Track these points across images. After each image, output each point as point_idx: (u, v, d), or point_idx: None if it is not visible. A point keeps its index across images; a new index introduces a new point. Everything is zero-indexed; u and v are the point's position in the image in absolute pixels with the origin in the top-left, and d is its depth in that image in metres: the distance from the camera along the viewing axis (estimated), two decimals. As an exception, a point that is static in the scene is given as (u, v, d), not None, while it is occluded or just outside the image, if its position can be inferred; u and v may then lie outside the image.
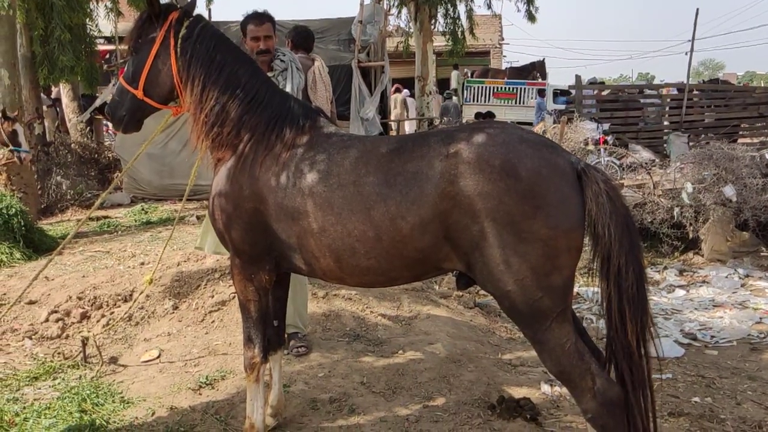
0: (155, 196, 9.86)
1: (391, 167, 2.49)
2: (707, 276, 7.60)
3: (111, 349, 4.45)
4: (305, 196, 2.61)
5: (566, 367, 2.40)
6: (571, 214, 2.32)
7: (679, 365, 4.68)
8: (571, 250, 2.34)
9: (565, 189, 2.33)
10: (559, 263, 2.32)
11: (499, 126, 2.54)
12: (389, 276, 2.65)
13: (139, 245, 6.80)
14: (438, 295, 5.81)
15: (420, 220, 2.41)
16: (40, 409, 3.42)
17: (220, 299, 4.88)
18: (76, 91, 12.89)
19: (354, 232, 2.52)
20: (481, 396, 3.63)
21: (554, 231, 2.28)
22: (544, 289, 2.32)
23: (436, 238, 2.42)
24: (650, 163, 10.85)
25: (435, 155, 2.42)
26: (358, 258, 2.56)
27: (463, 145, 2.39)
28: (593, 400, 2.38)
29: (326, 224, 2.57)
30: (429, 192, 2.39)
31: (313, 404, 3.50)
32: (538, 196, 2.28)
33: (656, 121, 16.44)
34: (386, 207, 2.45)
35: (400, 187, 2.44)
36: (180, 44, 2.85)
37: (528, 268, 2.30)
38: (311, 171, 2.63)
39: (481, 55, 27.77)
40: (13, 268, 5.98)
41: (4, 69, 7.79)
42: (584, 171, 2.38)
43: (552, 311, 2.36)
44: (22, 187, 8.00)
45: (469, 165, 2.34)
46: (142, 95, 2.97)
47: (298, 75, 4.02)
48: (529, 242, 2.28)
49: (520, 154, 2.33)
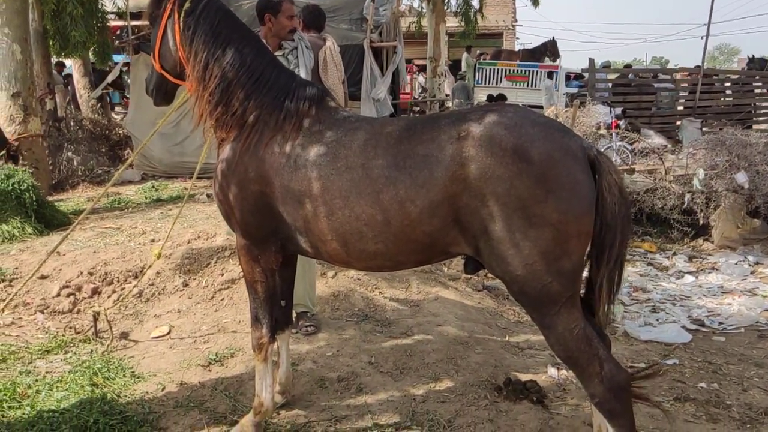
0: (166, 173, 9.89)
1: (400, 150, 2.46)
2: (717, 262, 7.56)
3: (122, 324, 4.49)
4: (312, 179, 2.57)
5: (574, 352, 2.40)
6: (582, 199, 2.31)
7: (686, 351, 4.68)
8: (581, 236, 2.34)
9: (577, 174, 2.31)
10: (568, 248, 2.32)
11: (511, 109, 2.50)
12: (396, 260, 2.63)
13: (149, 222, 6.83)
14: (447, 278, 5.82)
15: (429, 203, 2.38)
16: (52, 382, 3.46)
17: (230, 277, 4.91)
18: (87, 66, 12.91)
19: (362, 216, 2.49)
20: (488, 378, 3.65)
21: (565, 216, 2.27)
22: (553, 274, 2.32)
23: (444, 222, 2.40)
24: (662, 149, 10.77)
25: (445, 138, 2.39)
26: (366, 242, 2.54)
27: (474, 128, 2.36)
28: (600, 385, 2.39)
29: (334, 208, 2.54)
30: (439, 175, 2.36)
31: (321, 383, 3.53)
32: (549, 180, 2.26)
33: (669, 106, 16.28)
34: (395, 190, 2.42)
35: (410, 170, 2.41)
36: (183, 19, 2.82)
37: (538, 253, 2.29)
38: (318, 153, 2.60)
39: (494, 36, 27.53)
40: (25, 242, 6.03)
41: (16, 44, 7.78)
42: (597, 159, 2.38)
43: (561, 296, 2.36)
44: (34, 163, 8.04)
45: (480, 148, 2.31)
46: (159, 69, 3.00)
47: (309, 54, 3.99)
48: (540, 227, 2.27)
49: (533, 138, 2.31)
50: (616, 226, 2.38)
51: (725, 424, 3.32)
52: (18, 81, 7.86)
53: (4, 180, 6.38)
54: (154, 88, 3.09)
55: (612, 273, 2.49)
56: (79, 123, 10.90)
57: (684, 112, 15.88)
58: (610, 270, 2.47)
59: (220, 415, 3.22)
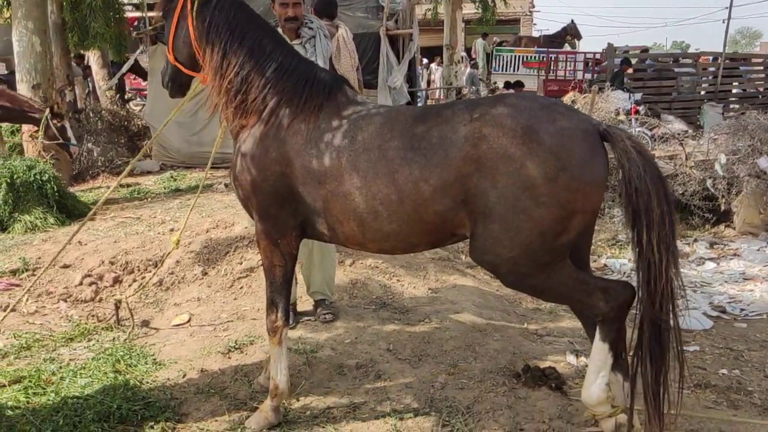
0: (184, 163, 9.95)
1: (415, 132, 2.54)
2: (738, 249, 7.47)
3: (142, 312, 4.55)
4: (332, 160, 2.65)
5: (575, 296, 2.53)
6: (592, 176, 2.36)
7: (707, 337, 4.65)
8: (587, 213, 2.40)
9: (587, 152, 2.36)
10: (570, 224, 2.37)
11: (522, 95, 2.62)
12: (409, 242, 2.70)
13: (168, 212, 6.89)
14: (464, 265, 5.81)
15: (442, 183, 2.45)
16: (75, 369, 3.52)
17: (249, 266, 4.95)
18: (106, 58, 13.00)
19: (378, 195, 2.57)
20: (506, 365, 3.65)
21: (574, 194, 2.32)
22: (548, 251, 2.40)
23: (455, 203, 2.47)
24: (683, 134, 10.63)
25: (459, 120, 2.47)
26: (381, 222, 2.61)
27: (487, 111, 2.44)
28: (605, 304, 2.49)
29: (351, 187, 2.61)
30: (453, 155, 2.43)
31: (339, 370, 3.55)
32: (560, 159, 2.31)
33: (690, 90, 16.04)
34: (410, 170, 2.50)
35: (424, 151, 2.49)
36: (197, 10, 2.88)
37: (538, 233, 2.35)
38: (338, 136, 2.68)
39: (510, 23, 27.28)
40: (47, 232, 6.11)
41: (35, 36, 7.84)
42: (607, 131, 2.42)
43: (552, 265, 2.44)
44: (55, 154, 8.11)
45: (493, 128, 2.38)
46: (173, 60, 3.04)
47: (327, 43, 3.99)
48: (547, 206, 2.32)
49: (543, 119, 2.38)
50: (646, 187, 2.37)
51: (746, 410, 3.29)
52: (38, 73, 7.92)
53: (26, 171, 6.46)
54: (170, 80, 3.14)
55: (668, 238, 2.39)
56: (99, 114, 10.98)
57: (705, 97, 15.64)
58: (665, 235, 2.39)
59: (240, 401, 3.25)
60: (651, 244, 2.41)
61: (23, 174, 6.42)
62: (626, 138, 2.41)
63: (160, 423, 2.99)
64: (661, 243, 2.41)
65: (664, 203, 2.40)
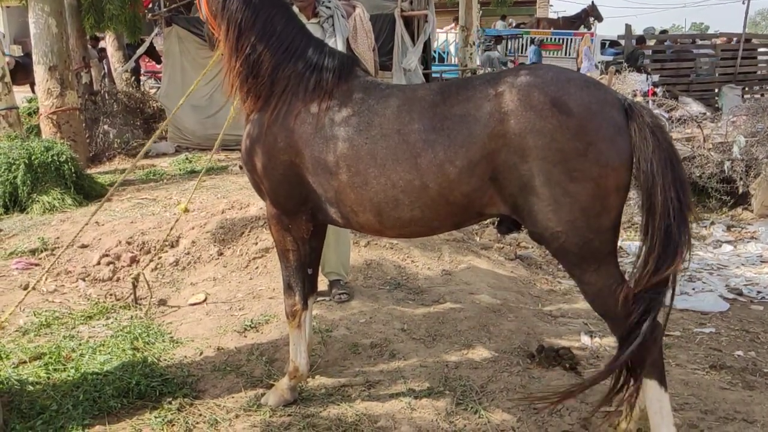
0: (199, 146, 9.98)
1: (436, 113, 2.44)
2: (756, 232, 7.40)
3: (159, 292, 4.60)
4: (345, 149, 2.55)
5: (611, 307, 2.40)
6: (621, 151, 2.28)
7: (723, 320, 4.62)
8: (620, 190, 2.30)
9: (616, 126, 2.28)
10: (608, 203, 2.29)
11: (544, 66, 2.49)
12: (431, 226, 2.62)
13: (184, 193, 6.93)
14: (479, 246, 5.81)
15: (468, 162, 2.37)
16: (95, 346, 3.57)
17: (264, 246, 4.98)
18: (121, 41, 13.02)
19: (399, 183, 2.48)
20: (520, 345, 3.65)
21: (605, 169, 2.25)
22: (594, 231, 2.31)
23: (482, 181, 2.39)
24: (701, 116, 10.51)
25: (482, 96, 2.38)
26: (402, 210, 2.53)
27: (511, 85, 2.35)
28: None
29: (369, 177, 2.52)
30: (478, 133, 2.34)
31: (354, 348, 3.58)
32: (590, 133, 2.24)
33: (709, 72, 15.83)
34: (434, 153, 2.41)
35: (448, 131, 2.39)
36: None
37: (579, 209, 2.27)
38: (350, 123, 2.58)
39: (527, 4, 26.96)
40: (65, 213, 6.18)
41: (51, 18, 7.87)
42: (630, 106, 2.33)
43: (600, 252, 2.35)
44: (71, 135, 8.18)
45: (519, 102, 2.30)
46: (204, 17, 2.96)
47: (345, 23, 3.94)
48: (580, 181, 2.24)
49: (570, 91, 2.29)
50: (649, 170, 2.28)
51: (762, 391, 3.28)
52: (54, 55, 7.96)
53: (44, 152, 6.53)
54: (207, 35, 3.04)
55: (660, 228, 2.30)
56: (114, 96, 11.03)
57: (724, 79, 15.43)
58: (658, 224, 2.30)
59: (256, 378, 3.29)
60: (649, 230, 2.34)
61: (41, 155, 6.49)
62: (646, 116, 2.32)
63: (177, 399, 3.03)
64: (658, 230, 2.30)
65: (671, 190, 2.29)
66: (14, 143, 6.68)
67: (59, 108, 8.08)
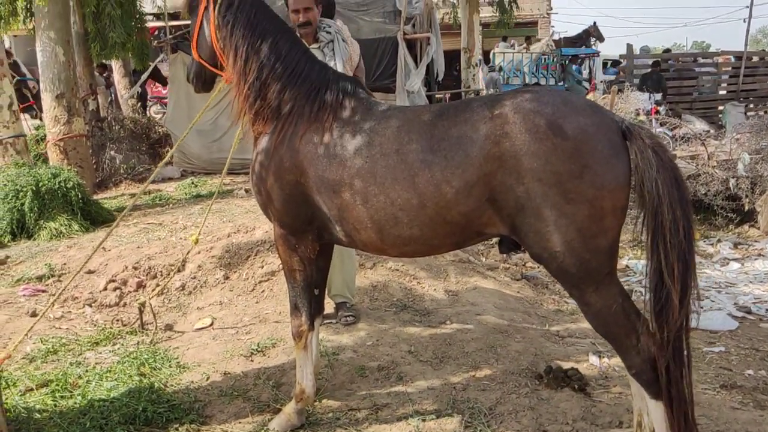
0: (204, 170, 10.04)
1: (434, 134, 2.49)
2: (763, 249, 7.37)
3: (166, 317, 4.60)
4: (346, 167, 2.61)
5: (612, 327, 2.43)
6: (617, 173, 2.29)
7: (732, 338, 4.59)
8: (617, 211, 2.31)
9: (611, 148, 2.30)
10: (605, 225, 2.31)
11: (542, 89, 2.53)
12: (431, 245, 2.65)
13: (189, 217, 6.96)
14: (485, 267, 5.80)
15: (465, 183, 2.40)
16: (101, 372, 3.57)
17: (270, 269, 4.98)
18: (128, 67, 13.18)
19: (397, 201, 2.52)
20: (528, 366, 3.63)
21: (600, 191, 2.26)
22: (591, 252, 2.32)
23: (479, 202, 2.41)
24: (704, 134, 10.52)
25: (479, 118, 2.41)
26: (401, 227, 2.57)
27: (507, 107, 2.38)
28: (638, 357, 2.41)
29: (368, 195, 2.57)
30: (474, 154, 2.38)
31: (361, 371, 3.56)
32: (585, 155, 2.26)
33: (711, 90, 15.89)
34: (431, 173, 2.45)
35: (445, 152, 2.43)
36: (221, 11, 2.88)
37: (575, 230, 2.29)
38: (352, 142, 2.64)
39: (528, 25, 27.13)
40: (72, 239, 6.21)
41: (59, 46, 7.98)
42: (629, 128, 2.35)
43: (599, 273, 2.36)
44: (78, 162, 8.24)
45: (514, 125, 2.33)
46: (197, 57, 3.07)
47: (345, 47, 4.00)
48: (576, 203, 2.27)
49: (566, 113, 2.32)
50: (657, 190, 2.30)
51: (774, 411, 3.25)
52: (62, 82, 8.06)
53: (51, 179, 6.58)
54: (194, 76, 3.17)
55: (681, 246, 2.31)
56: (121, 122, 11.13)
57: (727, 96, 15.47)
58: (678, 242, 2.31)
59: (263, 403, 3.27)
60: (658, 249, 2.34)
61: (48, 182, 6.53)
62: (645, 137, 2.34)
63: (184, 425, 3.02)
64: (672, 249, 2.32)
65: (678, 208, 2.31)
66: (22, 170, 6.73)
67: (66, 135, 8.16)
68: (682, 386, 2.41)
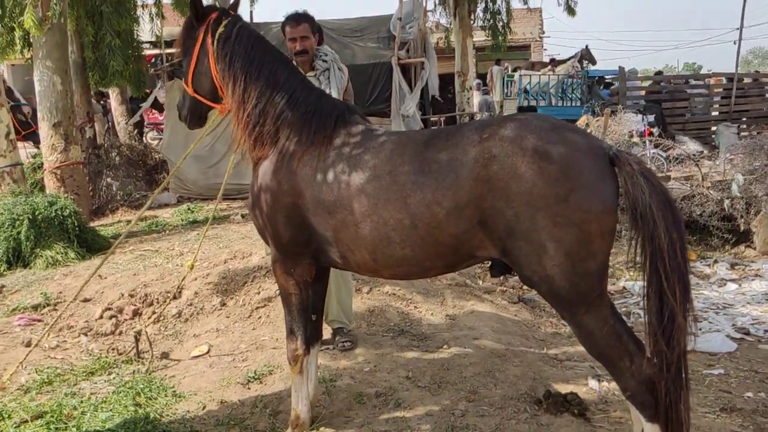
0: (201, 195, 10.07)
1: (426, 156, 2.55)
2: (760, 269, 7.36)
3: (162, 344, 4.57)
4: (342, 189, 2.68)
5: (604, 349, 2.46)
6: (603, 197, 2.34)
7: (731, 360, 4.57)
8: (605, 235, 2.36)
9: (597, 173, 2.35)
10: (593, 248, 2.35)
11: (531, 115, 2.60)
12: (423, 266, 2.70)
13: (186, 244, 6.96)
14: (482, 290, 5.79)
15: (455, 205, 2.45)
16: (96, 403, 3.53)
17: (266, 296, 4.96)
18: (124, 95, 13.26)
19: (390, 221, 2.58)
20: (527, 391, 3.61)
21: (587, 214, 2.31)
22: (580, 275, 2.36)
23: (470, 224, 2.46)
24: (698, 155, 10.58)
25: (468, 142, 2.48)
26: (393, 248, 2.62)
27: (496, 132, 2.45)
28: (632, 379, 2.44)
29: (362, 215, 2.63)
30: (464, 177, 2.43)
31: (359, 398, 3.54)
32: (571, 179, 2.31)
33: (704, 111, 16.02)
34: (422, 194, 2.51)
35: (436, 174, 2.50)
36: (220, 44, 2.96)
37: (564, 254, 2.33)
38: (347, 164, 2.72)
39: (521, 49, 27.44)
40: (68, 267, 6.19)
41: (56, 75, 8.04)
42: (616, 155, 2.40)
43: (589, 296, 2.40)
44: (75, 189, 8.26)
45: (502, 149, 2.39)
46: (192, 93, 3.13)
47: (341, 75, 4.05)
48: (563, 226, 2.31)
49: (553, 139, 2.38)
50: (651, 214, 2.34)
51: (774, 433, 3.23)
52: (59, 111, 8.10)
53: (47, 207, 6.58)
54: (188, 112, 3.22)
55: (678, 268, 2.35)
56: (117, 149, 11.19)
57: (719, 117, 15.61)
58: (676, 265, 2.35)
59: (261, 432, 3.24)
60: (658, 272, 2.37)
61: (45, 210, 6.54)
62: (633, 162, 2.38)
63: (180, 455, 2.99)
64: (672, 272, 2.35)
65: (674, 231, 2.35)
66: (18, 199, 6.74)
67: (63, 163, 8.18)
68: (679, 409, 2.42)
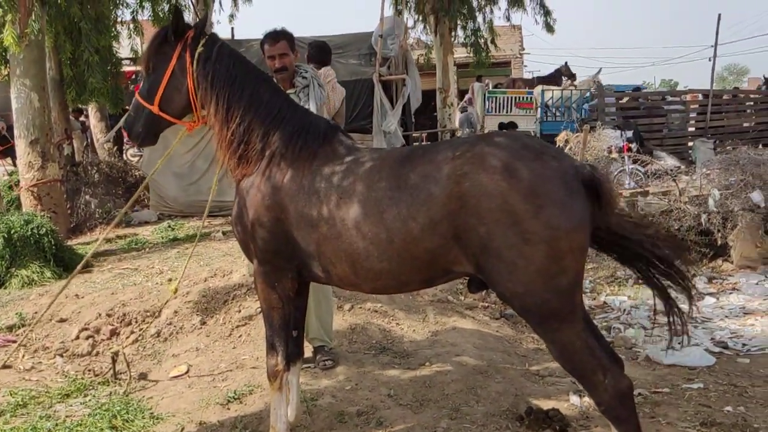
0: (181, 212, 9.97)
1: (402, 173, 2.62)
2: (737, 283, 7.44)
3: (140, 365, 4.50)
4: (324, 204, 2.73)
5: (577, 364, 2.51)
6: (573, 214, 2.39)
7: (710, 374, 4.59)
8: (575, 252, 2.41)
9: (566, 190, 2.40)
10: (564, 265, 2.40)
11: (506, 133, 2.69)
12: (400, 280, 2.73)
13: (166, 262, 6.89)
14: (464, 306, 5.79)
15: (430, 220, 2.50)
16: (71, 426, 3.47)
17: (247, 314, 4.92)
18: (104, 112, 13.15)
19: (368, 235, 2.63)
20: (509, 407, 3.60)
21: (556, 231, 2.35)
22: (551, 291, 2.41)
23: (444, 239, 2.51)
24: (675, 170, 10.71)
25: (442, 159, 2.55)
26: (372, 261, 2.66)
27: (468, 149, 2.52)
28: (605, 393, 2.48)
29: (342, 229, 2.67)
30: (437, 193, 2.49)
31: (340, 417, 3.50)
32: (540, 196, 2.36)
33: (680, 127, 16.28)
34: (398, 209, 2.56)
35: (411, 190, 2.56)
36: (200, 64, 2.95)
37: (534, 270, 2.38)
38: (329, 180, 2.76)
39: (502, 65, 27.73)
40: (44, 286, 6.09)
41: (34, 92, 7.95)
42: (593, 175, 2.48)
43: (561, 312, 2.45)
44: (52, 207, 8.15)
45: (473, 165, 2.45)
46: (158, 111, 3.06)
47: (320, 91, 4.07)
48: (533, 243, 2.35)
49: (523, 157, 2.44)
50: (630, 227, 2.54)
51: (754, 447, 3.24)
52: (36, 128, 8.01)
53: (23, 225, 6.48)
54: (143, 128, 3.11)
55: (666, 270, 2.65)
56: (96, 166, 11.06)
57: (695, 133, 15.87)
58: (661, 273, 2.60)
59: (240, 453, 3.20)
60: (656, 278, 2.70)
61: (20, 228, 6.44)
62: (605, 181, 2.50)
63: (158, 478, 2.94)
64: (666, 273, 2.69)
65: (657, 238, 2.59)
66: (-7, 217, 6.63)
67: (40, 180, 8.08)
68: None
